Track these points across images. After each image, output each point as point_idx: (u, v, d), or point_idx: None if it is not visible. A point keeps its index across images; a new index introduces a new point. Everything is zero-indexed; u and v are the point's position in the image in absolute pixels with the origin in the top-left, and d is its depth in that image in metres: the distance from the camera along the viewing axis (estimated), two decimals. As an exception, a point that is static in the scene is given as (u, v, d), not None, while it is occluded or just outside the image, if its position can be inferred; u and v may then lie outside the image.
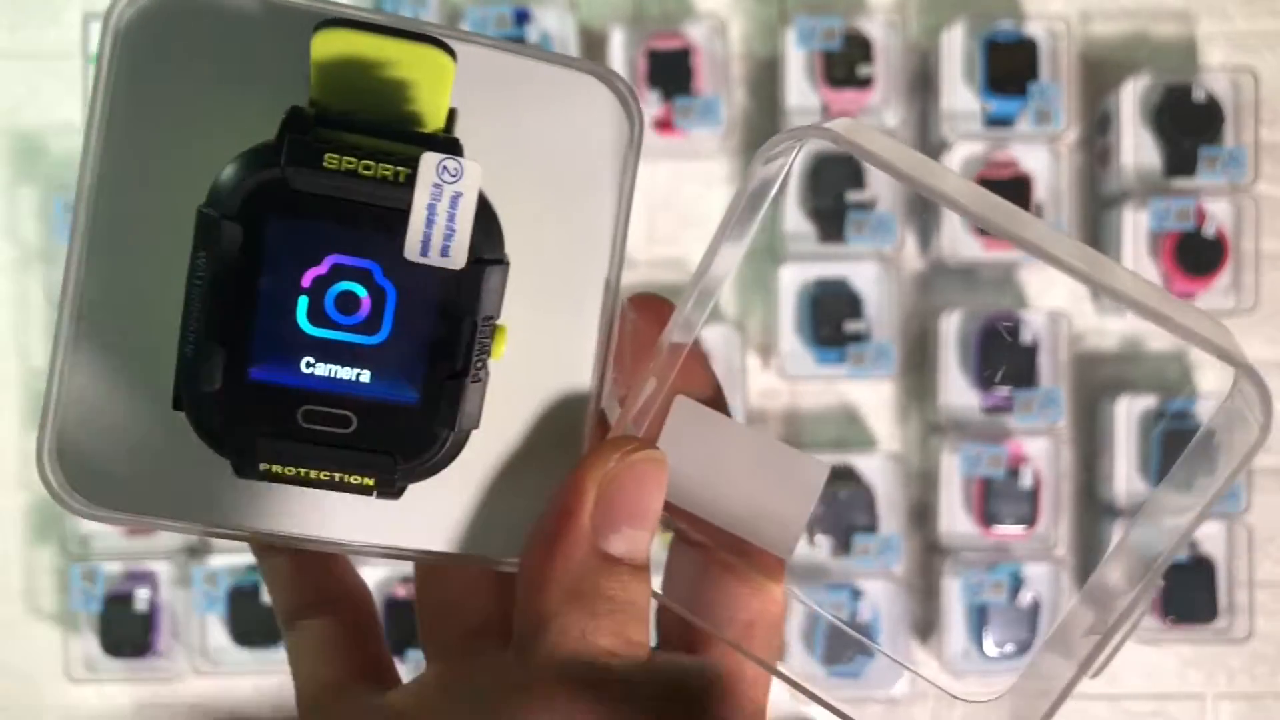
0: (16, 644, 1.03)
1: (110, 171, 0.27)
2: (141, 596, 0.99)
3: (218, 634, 1.00)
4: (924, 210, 1.02)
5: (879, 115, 0.98)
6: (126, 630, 0.99)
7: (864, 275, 0.99)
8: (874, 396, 1.03)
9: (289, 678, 1.11)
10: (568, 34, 0.99)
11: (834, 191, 0.97)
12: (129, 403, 0.28)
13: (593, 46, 1.01)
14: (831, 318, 0.98)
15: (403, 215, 0.25)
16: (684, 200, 1.02)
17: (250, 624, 0.98)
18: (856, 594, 0.98)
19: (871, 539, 0.97)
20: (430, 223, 0.25)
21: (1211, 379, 1.02)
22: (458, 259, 0.25)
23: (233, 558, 0.99)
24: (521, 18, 0.98)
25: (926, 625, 1.01)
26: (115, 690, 1.03)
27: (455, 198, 0.25)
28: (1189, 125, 0.98)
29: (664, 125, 0.98)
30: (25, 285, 1.03)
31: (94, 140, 0.27)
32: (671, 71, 0.98)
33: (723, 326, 1.00)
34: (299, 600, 0.34)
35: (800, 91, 0.99)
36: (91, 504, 0.28)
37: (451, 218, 0.25)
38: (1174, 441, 0.97)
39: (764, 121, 1.02)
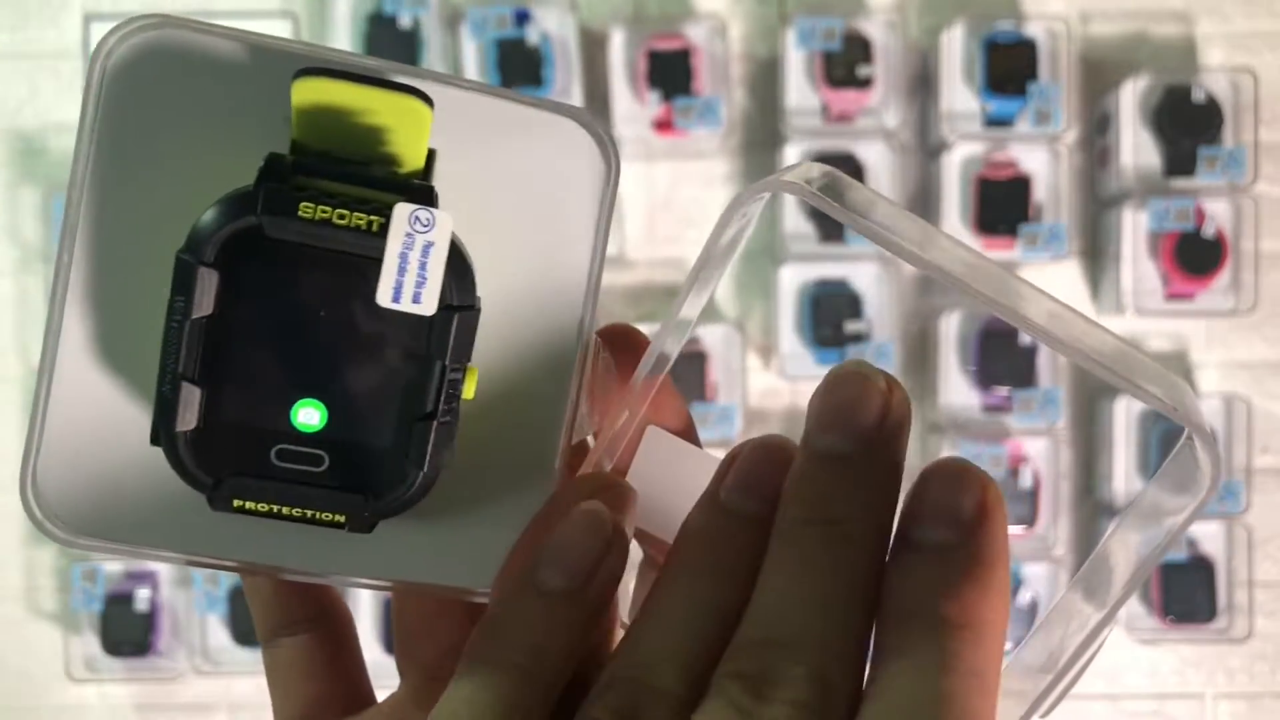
0: (17, 643, 1.03)
1: (96, 208, 0.28)
2: (142, 596, 0.99)
3: (218, 634, 1.00)
4: (923, 210, 1.02)
5: (879, 115, 0.99)
6: (127, 630, 0.99)
7: (864, 276, 0.99)
8: (874, 396, 1.03)
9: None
10: (568, 34, 0.99)
11: (834, 192, 0.97)
12: (110, 436, 0.28)
13: (593, 47, 1.01)
14: (831, 318, 0.98)
15: (376, 263, 0.26)
16: (684, 200, 1.02)
17: (250, 624, 0.98)
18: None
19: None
20: (402, 270, 0.26)
21: (1211, 379, 1.02)
22: (429, 305, 0.26)
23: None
24: (522, 18, 0.98)
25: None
26: (116, 690, 1.03)
27: (427, 247, 0.26)
28: (1188, 125, 0.98)
29: (664, 125, 0.98)
30: (26, 285, 1.03)
31: (81, 177, 0.28)
32: (671, 72, 0.98)
33: (723, 326, 1.00)
34: (279, 618, 0.34)
35: (800, 92, 0.99)
36: (71, 532, 0.29)
37: (423, 266, 0.26)
38: (1173, 442, 0.97)
39: (764, 121, 1.02)
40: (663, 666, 0.25)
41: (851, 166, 0.97)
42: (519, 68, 0.97)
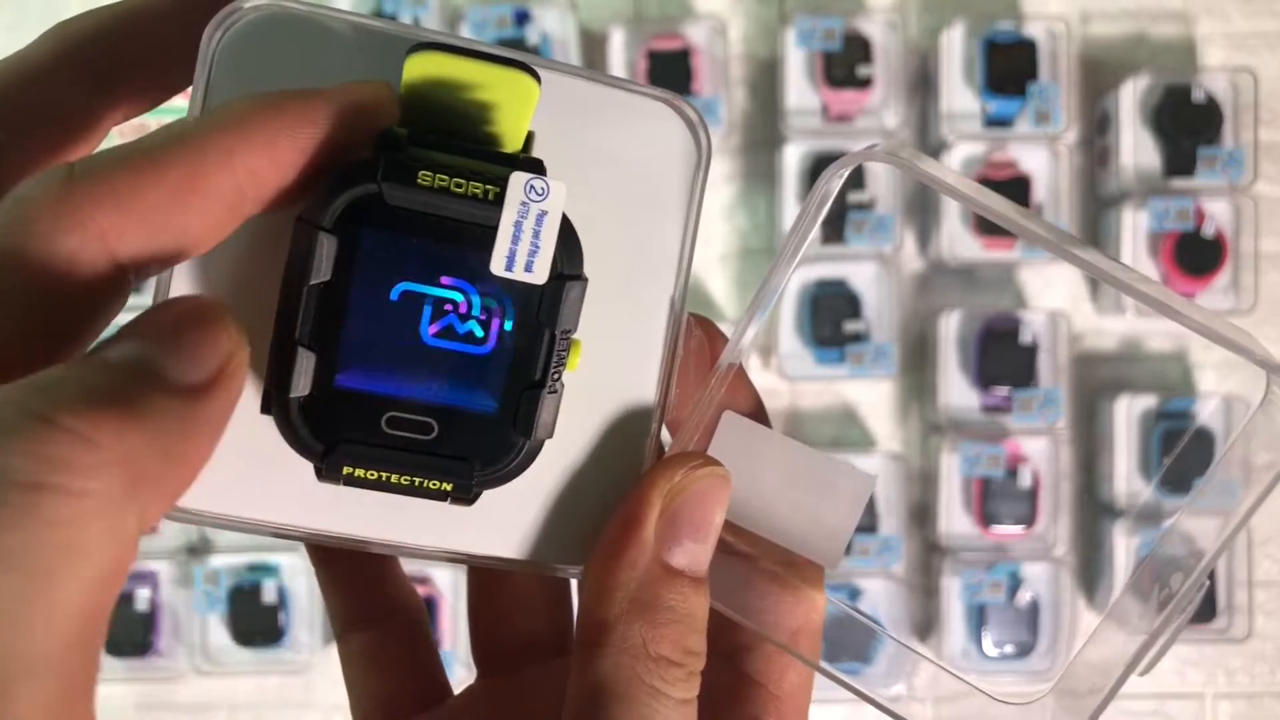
0: (17, 644, 1.03)
1: None
2: (142, 596, 0.99)
3: (218, 634, 1.00)
4: (923, 210, 1.02)
5: (879, 115, 0.99)
6: (127, 630, 0.99)
7: (863, 275, 0.99)
8: (873, 396, 1.03)
9: (289, 677, 1.11)
10: (568, 35, 0.99)
11: (834, 192, 0.97)
12: None
13: (593, 47, 1.01)
14: (831, 318, 0.99)
15: (490, 231, 0.27)
16: (684, 200, 1.02)
17: (250, 624, 0.99)
18: (855, 593, 0.98)
19: (871, 539, 0.98)
20: (516, 239, 0.27)
21: (1211, 379, 1.02)
22: (540, 274, 0.27)
23: (233, 557, 0.99)
24: (521, 18, 0.98)
25: (926, 625, 1.02)
26: (116, 690, 1.03)
27: (541, 216, 0.27)
28: (1188, 125, 0.98)
29: (664, 125, 0.98)
30: (26, 285, 1.03)
31: None
32: (671, 72, 0.98)
33: (723, 326, 1.00)
34: (354, 611, 0.35)
35: (800, 92, 0.99)
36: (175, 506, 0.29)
37: (536, 235, 0.27)
38: (1173, 441, 0.97)
39: (764, 121, 1.02)
40: None
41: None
42: (519, 68, 0.97)
